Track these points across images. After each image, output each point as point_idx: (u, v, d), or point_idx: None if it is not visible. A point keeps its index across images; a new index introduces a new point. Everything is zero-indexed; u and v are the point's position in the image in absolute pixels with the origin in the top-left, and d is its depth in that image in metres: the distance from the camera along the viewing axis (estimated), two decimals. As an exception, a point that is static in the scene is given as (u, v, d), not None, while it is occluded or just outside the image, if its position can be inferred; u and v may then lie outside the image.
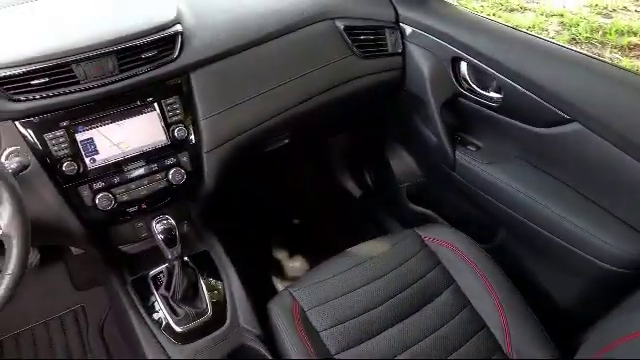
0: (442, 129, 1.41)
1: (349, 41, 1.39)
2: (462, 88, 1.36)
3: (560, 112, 1.11)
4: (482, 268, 1.21)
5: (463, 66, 1.35)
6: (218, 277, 1.23)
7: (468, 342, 1.10)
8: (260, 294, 1.23)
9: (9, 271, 0.81)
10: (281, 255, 1.87)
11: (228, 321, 1.14)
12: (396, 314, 1.14)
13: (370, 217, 1.98)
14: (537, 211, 1.20)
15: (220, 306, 1.17)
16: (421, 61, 1.41)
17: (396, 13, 1.44)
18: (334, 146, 2.08)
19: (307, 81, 1.32)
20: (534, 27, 3.93)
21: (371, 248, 1.29)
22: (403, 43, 1.45)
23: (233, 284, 1.21)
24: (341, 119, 1.78)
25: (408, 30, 1.43)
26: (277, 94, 1.27)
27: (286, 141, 1.53)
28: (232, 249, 1.31)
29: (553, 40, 1.20)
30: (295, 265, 1.84)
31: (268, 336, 1.14)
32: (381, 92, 1.52)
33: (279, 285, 1.78)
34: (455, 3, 1.46)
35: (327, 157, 2.12)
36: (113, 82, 1.06)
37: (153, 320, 1.13)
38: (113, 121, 1.09)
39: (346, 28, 1.38)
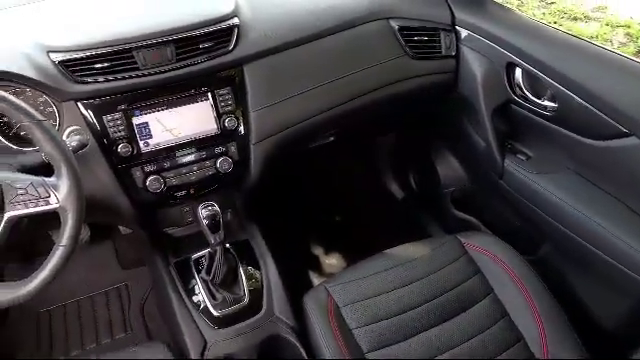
0: (492, 135, 1.39)
1: (402, 41, 1.38)
2: (515, 95, 1.33)
3: (618, 125, 1.06)
4: (523, 280, 1.18)
5: (518, 72, 1.31)
6: (257, 266, 1.26)
7: (503, 353, 1.08)
8: (296, 286, 1.24)
9: (62, 243, 0.86)
10: (319, 251, 1.89)
11: (264, 310, 1.16)
12: (432, 318, 1.13)
13: (411, 220, 1.97)
14: (585, 225, 1.16)
15: (257, 294, 1.19)
16: (475, 65, 1.39)
17: (452, 16, 1.43)
18: (380, 146, 2.08)
19: (357, 79, 1.32)
20: (597, 37, 3.78)
21: (410, 250, 1.28)
22: (457, 46, 1.43)
23: (271, 274, 1.23)
24: (388, 119, 1.77)
25: (463, 33, 1.41)
26: (327, 90, 1.28)
27: (331, 138, 1.54)
28: (272, 240, 1.33)
29: (615, 50, 1.16)
30: (332, 262, 1.85)
31: (301, 328, 1.15)
32: (431, 94, 1.51)
33: (315, 280, 1.79)
34: (515, 9, 1.43)
35: (372, 157, 2.12)
36: (170, 70, 1.10)
37: (192, 302, 1.17)
38: (168, 107, 1.13)
39: (400, 28, 1.38)
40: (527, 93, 1.31)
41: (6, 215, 0.83)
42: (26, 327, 1.65)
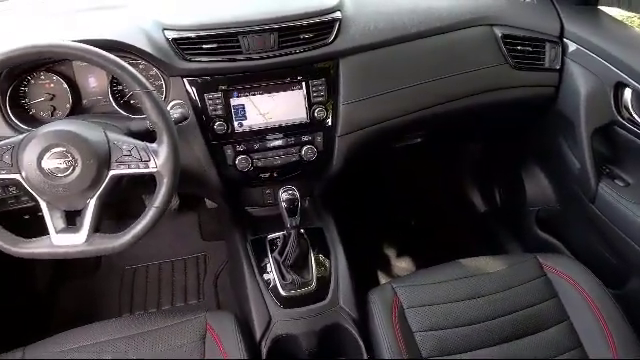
0: (589, 156, 1.31)
1: (504, 50, 1.34)
2: (621, 116, 1.25)
3: None
4: (603, 312, 1.11)
5: (627, 93, 1.23)
6: (327, 255, 1.28)
7: (570, 385, 1.03)
8: (362, 281, 1.26)
9: (156, 204, 0.94)
10: (390, 251, 1.89)
11: (329, 298, 1.19)
12: (498, 335, 1.09)
13: (491, 234, 1.90)
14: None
15: (324, 282, 1.22)
16: (580, 81, 1.32)
17: (561, 27, 1.36)
18: (467, 154, 2.03)
19: (453, 83, 1.30)
20: None
21: (486, 263, 1.24)
22: (563, 59, 1.36)
23: (340, 264, 1.25)
24: (480, 127, 1.73)
25: (571, 47, 1.34)
26: (419, 91, 1.28)
27: (418, 140, 1.53)
28: (345, 232, 1.35)
29: None
30: (401, 264, 1.84)
31: (363, 322, 1.16)
32: (529, 107, 1.45)
33: (382, 278, 1.79)
34: (631, 25, 1.33)
35: (458, 164, 2.07)
36: (271, 57, 1.16)
37: (263, 279, 1.22)
38: (264, 92, 1.19)
39: (504, 36, 1.34)
40: (635, 116, 1.22)
41: (111, 172, 0.92)
42: (112, 281, 1.80)
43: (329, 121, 1.23)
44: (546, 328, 1.11)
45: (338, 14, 1.21)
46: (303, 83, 1.20)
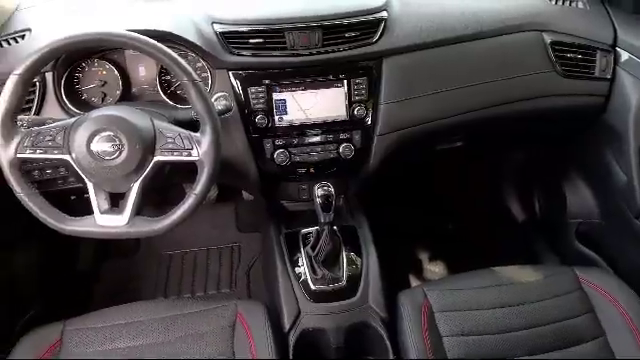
0: (636, 170, 1.26)
1: (553, 57, 1.31)
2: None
3: None
4: (643, 331, 1.07)
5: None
6: (359, 253, 1.29)
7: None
8: (393, 282, 1.26)
9: (196, 191, 0.97)
10: (423, 254, 1.87)
11: (358, 296, 1.19)
12: (529, 346, 1.07)
13: (527, 244, 1.86)
14: None
15: (354, 280, 1.22)
16: (631, 92, 1.28)
17: (615, 36, 1.32)
18: (508, 160, 1.99)
19: (498, 88, 1.29)
20: None
21: (520, 273, 1.22)
22: (614, 69, 1.32)
23: (371, 264, 1.25)
24: (523, 134, 1.69)
25: (624, 56, 1.30)
26: (462, 94, 1.26)
27: (459, 144, 1.52)
28: (379, 232, 1.35)
29: None
30: (434, 269, 1.83)
31: (391, 323, 1.16)
32: (575, 116, 1.41)
33: (413, 281, 1.78)
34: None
35: (498, 170, 2.03)
36: (315, 54, 1.17)
37: (294, 272, 1.24)
38: (305, 89, 1.20)
39: (553, 43, 1.31)
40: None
41: (155, 158, 0.95)
42: (149, 264, 1.87)
43: (368, 120, 1.24)
44: (579, 343, 1.08)
45: (384, 14, 1.21)
46: (345, 81, 1.20)
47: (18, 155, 0.93)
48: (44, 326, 1.09)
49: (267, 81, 1.18)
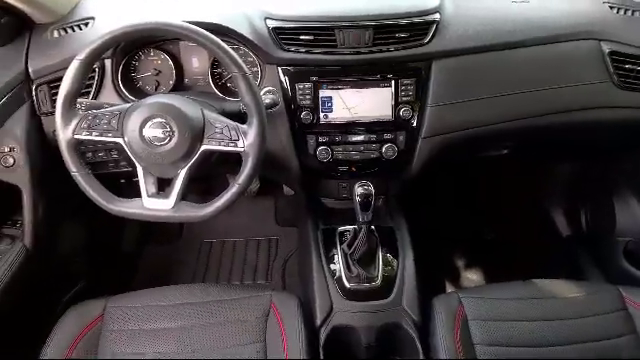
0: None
1: (611, 67, 1.26)
2: None
3: None
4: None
5: None
6: (396, 255, 1.28)
7: None
8: (428, 286, 1.25)
9: (239, 181, 0.99)
10: (461, 261, 1.84)
11: (392, 297, 1.19)
12: None
13: (571, 259, 1.80)
14: None
15: (389, 281, 1.22)
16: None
17: None
18: (555, 172, 1.93)
19: (550, 96, 1.25)
20: None
21: (561, 288, 1.19)
22: (675, 83, 1.26)
23: (407, 266, 1.25)
24: (573, 145, 1.64)
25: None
26: (513, 101, 1.24)
27: (504, 152, 1.48)
28: (417, 235, 1.34)
29: None
30: (471, 276, 1.80)
31: (424, 326, 1.15)
32: (630, 130, 1.36)
33: (449, 288, 1.76)
34: None
35: (544, 181, 1.98)
36: (365, 53, 1.18)
37: (329, 269, 1.25)
38: (352, 87, 1.21)
39: (612, 53, 1.26)
40: None
41: (203, 147, 0.98)
42: (190, 251, 1.92)
43: (414, 122, 1.23)
44: (620, 365, 1.05)
45: (437, 16, 1.20)
46: (393, 81, 1.20)
47: (75, 136, 0.98)
48: (88, 301, 1.14)
49: (315, 78, 1.20)
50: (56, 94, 0.99)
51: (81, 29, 1.25)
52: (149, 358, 1.04)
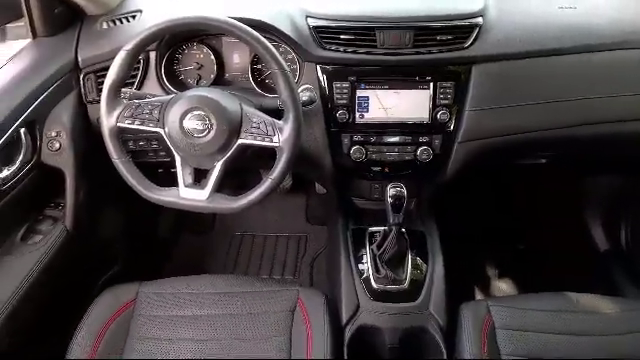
0: None
1: None
2: None
3: None
4: None
5: None
6: (425, 259, 1.27)
7: None
8: (456, 292, 1.23)
9: (272, 176, 1.01)
10: (492, 270, 1.81)
11: (419, 300, 1.18)
12: None
13: (608, 275, 1.75)
14: None
15: (417, 285, 1.21)
16: None
17: None
18: (596, 184, 1.87)
19: (595, 106, 1.22)
20: None
21: (596, 303, 1.16)
22: None
23: (437, 271, 1.24)
24: (617, 158, 1.58)
25: None
26: (552, 109, 1.21)
27: (543, 161, 1.45)
28: (448, 240, 1.33)
29: None
30: (501, 286, 1.76)
31: (449, 332, 1.14)
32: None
33: (478, 295, 1.73)
34: None
35: (584, 194, 1.92)
36: (404, 54, 1.17)
37: (357, 269, 1.25)
38: (389, 88, 1.21)
39: None
40: None
41: (239, 140, 1.00)
42: (221, 242, 1.96)
43: (451, 125, 1.22)
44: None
45: (479, 20, 1.19)
46: (431, 84, 1.19)
47: (118, 124, 1.01)
48: (122, 285, 1.18)
49: (352, 77, 1.20)
50: (102, 83, 1.03)
51: (129, 21, 1.29)
52: (176, 343, 1.07)
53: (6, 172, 1.12)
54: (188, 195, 1.03)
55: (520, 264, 1.84)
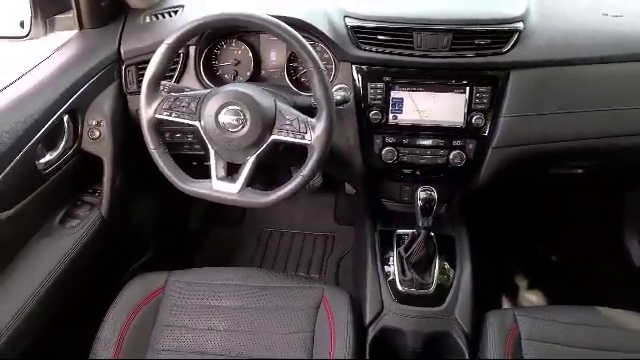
0: None
1: None
2: None
3: None
4: None
5: None
6: (453, 265, 1.26)
7: None
8: (483, 299, 1.22)
9: (303, 173, 1.02)
10: (521, 279, 1.78)
11: (444, 306, 1.17)
12: None
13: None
14: None
15: (443, 290, 1.20)
16: None
17: None
18: (635, 197, 1.81)
19: (632, 116, 1.19)
20: None
21: (629, 319, 1.12)
22: None
23: (464, 277, 1.22)
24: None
25: None
26: (592, 119, 1.19)
27: (579, 171, 1.42)
28: (477, 246, 1.31)
29: None
30: (529, 297, 1.73)
31: (474, 340, 1.13)
32: None
33: (505, 304, 1.70)
34: None
35: (621, 206, 1.86)
36: (441, 57, 1.16)
37: (383, 270, 1.25)
38: (425, 90, 1.20)
39: None
40: None
41: (272, 136, 1.02)
42: (250, 237, 1.98)
43: (486, 130, 1.20)
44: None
45: (520, 25, 1.17)
46: (467, 88, 1.18)
47: (156, 115, 1.04)
48: (152, 273, 1.21)
49: (387, 78, 1.20)
50: (143, 75, 1.05)
51: (171, 16, 1.33)
52: (202, 332, 1.09)
53: (49, 157, 1.16)
54: (220, 188, 1.05)
55: (550, 274, 1.80)
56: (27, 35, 1.27)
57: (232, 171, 1.08)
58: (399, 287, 1.20)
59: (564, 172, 1.43)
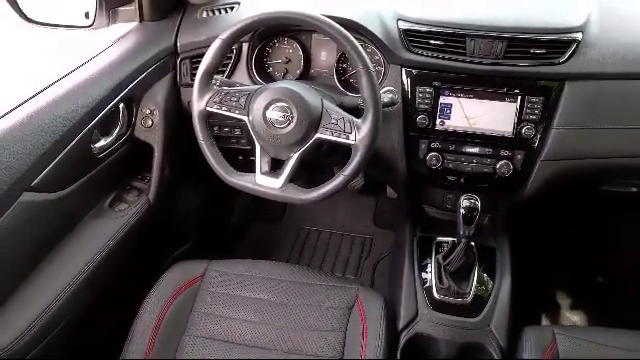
0: None
1: None
2: None
3: None
4: None
5: None
6: (492, 277, 1.24)
7: None
8: (521, 313, 1.19)
9: (345, 172, 1.02)
10: (563, 297, 1.72)
11: (481, 317, 1.15)
12: None
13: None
14: None
15: (480, 301, 1.18)
16: None
17: None
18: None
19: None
20: None
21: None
22: None
23: (503, 289, 1.20)
24: None
25: None
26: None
27: (633, 189, 1.36)
28: (519, 260, 1.28)
29: None
30: (571, 316, 1.67)
31: (508, 354, 1.10)
32: None
33: (544, 322, 1.65)
34: None
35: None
36: (494, 64, 1.14)
37: (420, 277, 1.24)
38: (474, 97, 1.18)
39: None
40: None
41: (317, 134, 1.03)
42: (289, 233, 2.00)
43: (536, 142, 1.17)
44: None
45: (579, 35, 1.13)
46: (519, 97, 1.15)
47: (207, 108, 1.07)
48: (192, 261, 1.25)
49: (437, 83, 1.18)
50: (197, 68, 1.09)
51: (227, 12, 1.36)
52: (236, 322, 1.12)
53: (103, 142, 1.22)
54: (263, 182, 1.07)
55: (596, 295, 1.73)
56: (91, 25, 1.32)
57: (276, 167, 1.10)
58: (435, 294, 1.18)
59: (617, 190, 1.37)
